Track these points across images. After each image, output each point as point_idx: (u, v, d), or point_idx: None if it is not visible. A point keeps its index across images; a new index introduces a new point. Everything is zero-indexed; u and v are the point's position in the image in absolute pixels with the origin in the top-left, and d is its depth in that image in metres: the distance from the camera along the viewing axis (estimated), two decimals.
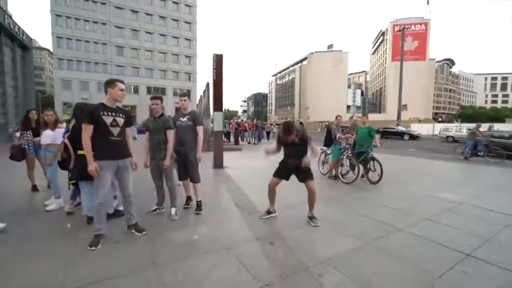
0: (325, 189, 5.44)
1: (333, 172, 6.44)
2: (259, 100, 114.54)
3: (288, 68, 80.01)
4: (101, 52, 43.49)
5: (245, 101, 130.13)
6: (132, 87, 44.75)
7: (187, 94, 3.65)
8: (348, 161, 6.27)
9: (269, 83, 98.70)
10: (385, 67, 66.91)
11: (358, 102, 20.24)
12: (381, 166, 5.75)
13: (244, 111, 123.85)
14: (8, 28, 17.67)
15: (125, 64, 44.80)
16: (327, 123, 7.11)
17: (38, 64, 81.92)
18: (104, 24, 43.22)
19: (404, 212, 3.96)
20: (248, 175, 6.63)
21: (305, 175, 3.64)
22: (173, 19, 47.95)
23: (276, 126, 32.39)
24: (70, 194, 3.77)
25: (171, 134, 3.63)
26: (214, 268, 2.41)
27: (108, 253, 2.68)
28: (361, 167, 6.10)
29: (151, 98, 3.63)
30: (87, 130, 2.74)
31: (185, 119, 3.93)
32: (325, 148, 7.23)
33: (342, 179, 6.12)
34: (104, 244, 2.85)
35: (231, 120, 22.93)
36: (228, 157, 10.13)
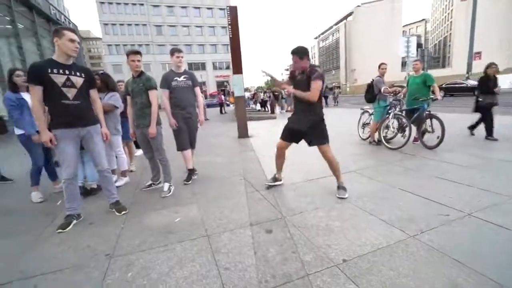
0: (364, 158, 4.34)
1: (376, 136, 5.20)
2: None
3: (331, 27, 72.08)
4: (142, 33, 44.96)
5: (287, 69, 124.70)
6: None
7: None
8: (395, 121, 4.94)
9: (311, 48, 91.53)
10: (452, 9, 55.28)
11: (414, 53, 16.31)
12: (442, 125, 4.30)
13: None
14: (56, 19, 18.85)
15: (165, 43, 45.69)
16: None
17: (96, 53, 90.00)
18: (141, 4, 44.06)
19: (474, 190, 2.74)
20: (272, 145, 5.79)
21: (313, 136, 2.81)
22: (208, 8, 46.41)
23: None
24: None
25: (153, 95, 2.99)
26: (179, 264, 1.77)
27: (70, 238, 2.25)
28: (413, 127, 4.75)
29: (130, 53, 2.94)
30: (35, 93, 2.21)
31: (182, 78, 3.33)
32: (366, 107, 5.91)
33: (386, 144, 4.87)
34: (77, 225, 2.47)
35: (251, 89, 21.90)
36: (258, 126, 9.45)
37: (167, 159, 3.22)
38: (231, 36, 6.69)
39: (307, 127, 2.80)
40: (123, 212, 2.65)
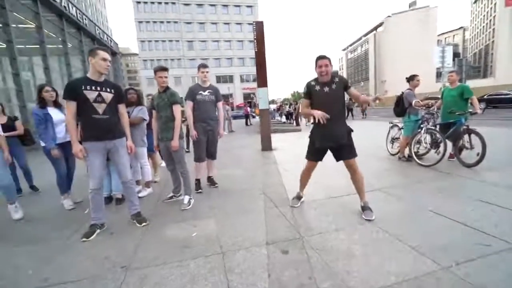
0: (391, 174, 4.08)
1: (406, 151, 4.87)
2: None
3: (360, 39, 70.87)
4: (175, 49, 47.76)
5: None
6: None
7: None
8: (428, 136, 4.60)
9: (339, 59, 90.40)
10: (494, 16, 51.54)
11: (450, 63, 14.97)
12: (483, 140, 3.90)
13: None
14: (100, 38, 20.73)
15: (196, 57, 47.99)
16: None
17: (132, 68, 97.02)
18: (175, 22, 47.02)
19: None
20: (295, 158, 5.68)
21: (345, 149, 2.68)
22: (235, 5, 48.33)
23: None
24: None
25: (177, 109, 3.09)
26: (191, 282, 1.75)
27: (92, 247, 2.34)
28: (449, 143, 4.38)
29: (157, 70, 3.09)
30: (69, 108, 2.40)
31: (206, 92, 3.53)
32: (396, 121, 5.61)
33: (418, 160, 4.54)
34: (100, 234, 2.57)
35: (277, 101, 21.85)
36: (283, 138, 9.38)
37: (188, 171, 3.28)
38: (256, 50, 6.81)
39: (340, 142, 2.66)
40: (143, 224, 2.72)
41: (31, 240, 2.58)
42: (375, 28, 62.96)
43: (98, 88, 2.47)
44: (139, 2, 45.29)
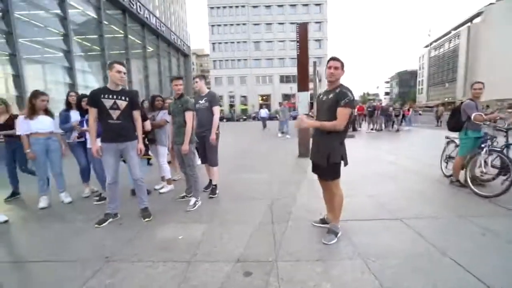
0: (428, 201, 3.41)
1: (460, 174, 4.00)
2: (405, 79, 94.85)
3: (448, 33, 60.36)
4: (242, 49, 49.98)
5: (387, 82, 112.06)
6: (267, 77, 49.00)
7: (202, 76, 3.38)
8: (493, 157, 3.68)
9: (420, 57, 79.03)
10: None
11: None
12: None
13: (387, 94, 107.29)
14: (174, 43, 23.38)
15: (261, 57, 49.28)
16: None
17: (205, 68, 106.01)
18: (244, 24, 49.14)
19: None
20: None
21: (324, 170, 2.44)
22: (303, 4, 47.52)
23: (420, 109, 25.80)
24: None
25: (189, 116, 3.27)
26: (149, 286, 1.85)
27: (98, 233, 2.71)
28: None
29: (173, 79, 3.38)
30: (91, 113, 2.82)
31: (202, 101, 3.65)
32: (453, 135, 4.65)
33: (473, 188, 3.66)
34: (112, 223, 2.95)
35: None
36: None
37: (197, 175, 3.44)
38: (298, 53, 6.60)
39: (316, 162, 2.46)
40: (146, 219, 2.99)
41: (63, 220, 3.15)
42: (470, 20, 52.77)
43: (114, 97, 2.82)
44: (212, 8, 48.97)
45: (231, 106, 50.09)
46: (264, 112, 16.75)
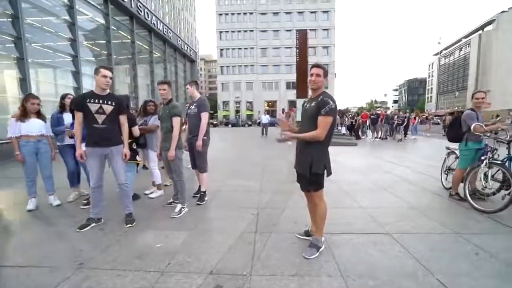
0: (423, 215, 3.25)
1: (460, 187, 3.83)
2: (413, 87, 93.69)
3: (458, 41, 59.56)
4: (249, 55, 50.40)
5: (396, 90, 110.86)
6: (274, 83, 49.16)
7: (194, 81, 3.68)
8: (494, 170, 3.52)
9: (429, 65, 78.10)
10: None
11: None
12: None
13: (395, 102, 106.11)
14: (181, 48, 23.71)
15: (268, 63, 49.54)
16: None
17: (213, 73, 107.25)
18: (251, 31, 49.65)
19: None
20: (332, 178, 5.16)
21: (303, 179, 2.37)
22: (311, 12, 47.80)
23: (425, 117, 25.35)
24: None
25: (175, 121, 3.24)
26: None
27: (78, 238, 2.67)
28: None
29: (158, 83, 3.35)
30: (77, 117, 2.81)
31: (193, 106, 3.65)
32: (453, 146, 4.49)
33: (472, 202, 3.49)
34: (93, 228, 2.90)
35: (351, 109, 19.98)
36: (334, 152, 8.73)
37: (183, 181, 3.39)
38: (298, 60, 6.56)
39: (299, 171, 2.38)
40: (128, 225, 2.93)
41: (48, 223, 3.12)
42: (481, 28, 52.00)
43: (100, 101, 2.80)
44: (221, 14, 49.74)
45: (237, 111, 50.30)
46: (265, 118, 16.59)
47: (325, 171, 2.32)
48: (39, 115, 3.58)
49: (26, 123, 3.42)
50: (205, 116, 3.56)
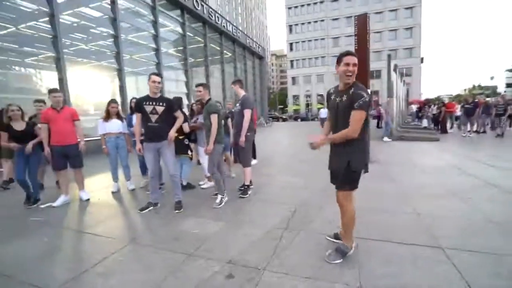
0: (507, 232, 2.59)
1: None
2: None
3: None
4: (319, 47, 48.42)
5: (510, 71, 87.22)
6: None
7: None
8: None
9: None
10: None
11: None
12: None
13: (509, 85, 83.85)
14: (249, 46, 24.66)
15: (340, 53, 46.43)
16: None
17: (284, 68, 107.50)
18: (322, 21, 47.42)
19: None
20: (394, 178, 4.63)
21: (336, 178, 2.22)
22: None
23: None
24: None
25: (213, 119, 3.49)
26: (144, 269, 2.12)
27: (135, 218, 3.26)
28: None
29: (196, 86, 3.71)
30: (137, 117, 3.38)
31: (237, 104, 3.98)
32: None
33: None
34: (151, 211, 3.44)
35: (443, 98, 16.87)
36: (404, 148, 7.87)
37: (219, 175, 3.62)
38: (356, 47, 6.02)
39: (334, 172, 2.23)
40: (176, 211, 3.36)
41: (120, 203, 3.88)
42: None
43: (153, 103, 3.29)
44: (290, 8, 49.20)
45: (307, 105, 49.23)
46: (324, 112, 15.26)
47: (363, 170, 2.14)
48: (118, 116, 4.42)
49: (109, 123, 4.28)
50: (247, 113, 3.78)
